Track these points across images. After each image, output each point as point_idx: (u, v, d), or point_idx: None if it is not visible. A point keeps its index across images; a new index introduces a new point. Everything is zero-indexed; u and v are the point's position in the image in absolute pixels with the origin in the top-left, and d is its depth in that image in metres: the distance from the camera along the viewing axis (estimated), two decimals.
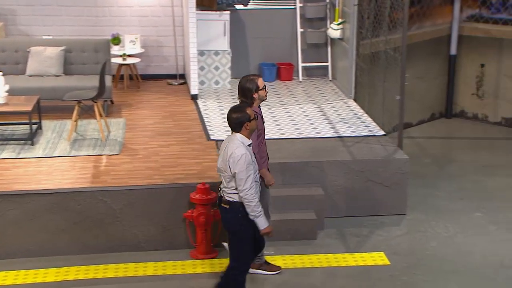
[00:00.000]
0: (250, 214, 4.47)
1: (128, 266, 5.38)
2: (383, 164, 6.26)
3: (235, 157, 4.40)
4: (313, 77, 9.36)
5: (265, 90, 5.02)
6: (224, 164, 4.50)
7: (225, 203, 4.56)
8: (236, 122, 4.48)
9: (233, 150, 4.43)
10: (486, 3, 8.80)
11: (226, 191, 4.55)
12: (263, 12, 9.23)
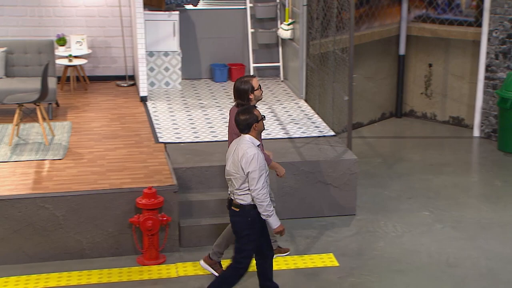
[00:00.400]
0: (263, 214, 4.50)
1: (72, 274, 5.21)
2: (332, 165, 6.24)
3: (248, 157, 4.43)
4: (265, 77, 9.32)
5: (261, 90, 5.06)
6: (235, 166, 4.51)
7: (235, 206, 4.57)
8: (245, 124, 4.52)
9: (244, 150, 4.47)
10: (433, 3, 8.92)
11: (237, 193, 4.55)
12: (213, 12, 9.14)
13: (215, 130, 7.09)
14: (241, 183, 4.50)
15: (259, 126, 4.53)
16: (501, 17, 7.99)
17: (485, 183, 7.19)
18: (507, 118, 7.85)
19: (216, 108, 7.92)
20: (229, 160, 4.60)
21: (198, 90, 8.74)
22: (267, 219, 4.52)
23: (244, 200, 4.53)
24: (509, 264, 5.35)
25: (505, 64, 8.07)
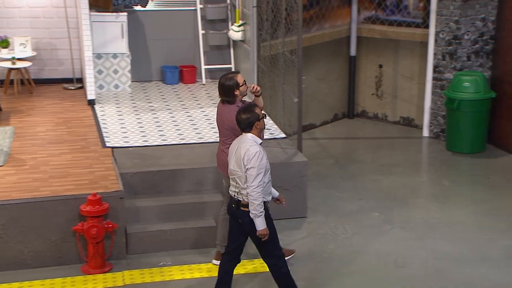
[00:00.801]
0: (252, 212, 4.48)
1: (12, 286, 4.99)
2: (283, 168, 6.19)
3: (250, 154, 4.44)
4: (217, 79, 9.14)
5: (246, 85, 5.08)
6: (237, 165, 4.51)
7: (245, 206, 4.53)
8: (247, 122, 4.52)
9: (247, 148, 4.47)
10: (382, 5, 8.99)
11: (244, 193, 4.52)
12: (163, 14, 9.00)
13: (165, 133, 6.96)
14: (245, 182, 4.49)
15: (261, 125, 4.54)
16: (447, 18, 8.11)
17: (434, 183, 7.27)
18: (455, 118, 7.96)
19: (167, 111, 7.78)
20: (231, 159, 4.59)
21: (148, 93, 8.58)
22: (255, 219, 4.49)
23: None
24: (457, 263, 5.40)
25: (451, 65, 8.18)
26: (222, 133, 5.17)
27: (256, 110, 4.54)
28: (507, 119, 7.88)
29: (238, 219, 4.62)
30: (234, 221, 4.69)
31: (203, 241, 5.63)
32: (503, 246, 5.66)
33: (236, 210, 4.60)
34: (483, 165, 7.59)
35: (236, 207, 4.59)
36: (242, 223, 4.61)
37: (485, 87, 7.82)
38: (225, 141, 5.13)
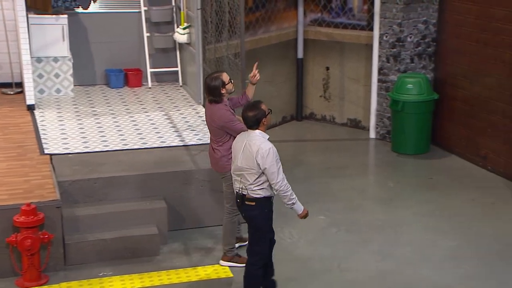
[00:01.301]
0: (287, 203, 4.61)
1: None
2: None
3: (263, 152, 4.48)
4: (163, 82, 9.07)
5: (231, 83, 5.15)
6: (249, 161, 4.53)
7: (250, 200, 4.59)
8: (254, 120, 4.58)
9: (259, 145, 4.51)
10: (327, 7, 9.01)
11: (251, 188, 4.57)
12: (106, 16, 8.79)
13: (107, 139, 6.76)
14: (256, 178, 4.53)
15: (268, 120, 4.61)
16: (390, 21, 8.18)
17: (379, 184, 7.31)
18: (399, 120, 8.04)
19: (110, 116, 7.58)
20: (238, 156, 4.61)
21: (91, 97, 8.35)
22: (292, 207, 4.63)
23: (259, 193, 4.57)
24: (399, 265, 5.42)
25: (396, 67, 8.26)
26: (213, 133, 5.25)
27: (262, 106, 4.62)
28: (449, 120, 8.01)
29: (243, 213, 4.72)
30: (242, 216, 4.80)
31: (145, 250, 5.48)
32: (446, 247, 5.72)
33: (241, 205, 4.66)
34: (427, 166, 7.69)
35: (241, 202, 4.64)
36: (246, 216, 4.69)
37: (428, 88, 7.93)
38: (217, 140, 5.22)
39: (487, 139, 7.37)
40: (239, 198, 4.67)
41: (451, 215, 6.35)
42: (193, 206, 6.01)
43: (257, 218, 4.63)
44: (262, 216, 4.64)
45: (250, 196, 4.57)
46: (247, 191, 4.58)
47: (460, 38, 7.67)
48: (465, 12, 7.55)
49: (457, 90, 7.83)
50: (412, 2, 8.04)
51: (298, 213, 4.69)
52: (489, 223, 6.16)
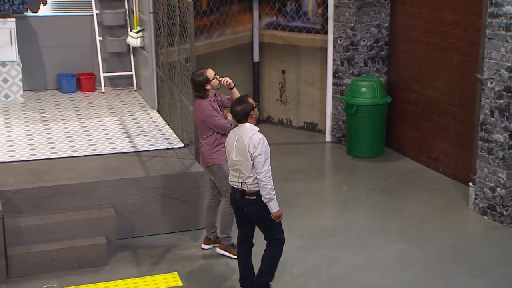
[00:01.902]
0: (265, 196, 4.62)
1: None
2: (179, 179, 6.02)
3: (255, 141, 4.59)
4: (118, 87, 8.94)
5: (217, 79, 5.29)
6: (242, 155, 4.63)
7: (250, 194, 4.65)
8: (242, 113, 4.70)
9: (250, 136, 4.62)
10: (282, 11, 9.01)
11: (250, 181, 4.64)
12: (58, 19, 8.63)
13: (56, 146, 6.60)
14: (251, 169, 4.62)
15: (256, 113, 4.74)
16: (343, 25, 8.22)
17: (334, 188, 7.33)
18: (353, 123, 8.08)
19: (60, 122, 7.41)
20: (232, 151, 4.72)
21: (42, 103, 8.17)
22: (268, 203, 4.64)
23: (255, 187, 4.64)
24: (349, 270, 5.42)
25: (350, 70, 8.31)
26: (198, 127, 5.47)
27: (249, 100, 4.76)
28: (402, 123, 8.09)
29: (244, 208, 4.71)
30: (239, 211, 4.81)
31: (93, 260, 5.36)
32: (395, 251, 5.75)
33: (241, 199, 4.69)
34: (380, 169, 7.74)
35: (241, 197, 4.69)
36: (248, 211, 4.71)
37: (381, 92, 7.99)
38: (202, 134, 5.42)
39: (438, 142, 7.47)
40: (238, 193, 4.72)
41: (402, 218, 6.40)
42: (143, 214, 5.91)
43: (259, 212, 4.70)
44: (265, 208, 4.69)
45: (250, 190, 4.64)
46: (247, 186, 4.66)
47: (411, 42, 7.76)
48: (415, 16, 7.63)
49: (409, 93, 7.92)
50: (365, 6, 8.09)
51: (273, 211, 4.70)
52: (439, 226, 6.23)
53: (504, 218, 6.14)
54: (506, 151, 5.98)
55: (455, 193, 6.93)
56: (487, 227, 6.18)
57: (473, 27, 6.54)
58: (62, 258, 5.22)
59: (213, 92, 5.37)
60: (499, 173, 6.08)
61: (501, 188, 6.09)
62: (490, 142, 6.14)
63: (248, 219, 4.81)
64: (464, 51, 6.83)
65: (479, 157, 6.28)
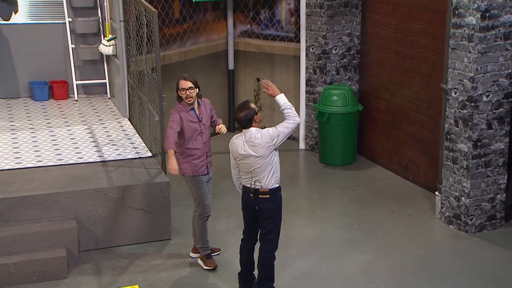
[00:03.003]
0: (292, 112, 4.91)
1: None
2: (144, 189, 5.93)
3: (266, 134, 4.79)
4: (92, 95, 8.83)
5: (186, 92, 5.27)
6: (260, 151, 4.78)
7: (263, 193, 4.82)
8: (246, 119, 4.82)
9: (260, 135, 4.80)
10: (256, 19, 8.96)
11: (264, 180, 4.80)
12: (30, 27, 8.52)
13: (21, 155, 6.49)
14: (264, 169, 4.77)
15: (259, 117, 4.87)
16: (315, 33, 8.18)
17: (304, 197, 7.26)
18: (325, 131, 8.03)
19: (29, 131, 7.30)
20: (239, 155, 4.85)
21: (12, 111, 8.05)
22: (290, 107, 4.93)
23: (273, 184, 4.82)
24: (312, 281, 5.36)
25: (322, 78, 8.26)
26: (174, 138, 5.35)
27: (251, 105, 4.87)
28: (374, 131, 8.05)
29: (256, 206, 4.86)
30: (249, 211, 4.96)
31: (52, 273, 5.25)
32: (359, 261, 5.69)
33: (254, 198, 4.85)
34: (352, 177, 7.69)
35: (254, 196, 4.85)
36: (260, 209, 4.87)
37: (352, 100, 7.94)
38: None
39: (408, 150, 7.43)
40: (251, 193, 4.85)
41: (369, 228, 6.35)
42: (107, 225, 5.82)
43: (272, 209, 4.86)
44: (276, 207, 4.88)
45: (265, 189, 4.79)
46: (261, 185, 4.80)
47: (381, 50, 7.72)
48: (384, 25, 7.60)
49: (380, 101, 7.88)
50: (336, 15, 8.05)
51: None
52: (404, 235, 6.18)
53: (468, 227, 6.11)
54: (470, 161, 5.95)
55: (423, 202, 6.89)
56: (452, 236, 6.14)
57: (440, 37, 6.51)
58: (20, 271, 5.12)
59: (190, 102, 5.30)
60: (464, 182, 6.04)
61: (466, 198, 6.05)
62: (455, 152, 6.10)
63: (256, 218, 4.94)
64: (432, 60, 6.80)
65: (444, 167, 6.24)
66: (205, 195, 5.43)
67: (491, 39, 5.64)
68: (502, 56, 5.72)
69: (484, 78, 5.75)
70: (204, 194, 5.42)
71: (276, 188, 4.90)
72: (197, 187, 5.40)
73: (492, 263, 5.63)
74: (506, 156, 6.00)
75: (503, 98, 5.86)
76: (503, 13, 5.60)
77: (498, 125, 5.91)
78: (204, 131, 5.41)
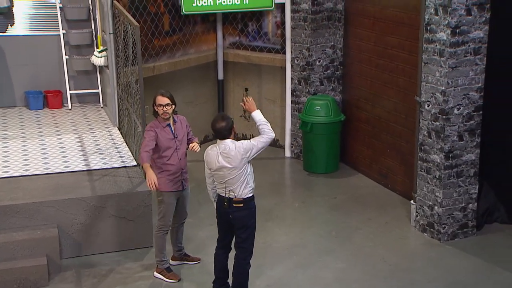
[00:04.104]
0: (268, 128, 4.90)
1: None
2: (126, 198, 5.86)
3: (239, 147, 4.72)
4: (85, 104, 8.79)
5: (163, 108, 5.15)
6: (234, 163, 4.72)
7: (237, 202, 4.79)
8: (227, 128, 4.77)
9: (235, 147, 4.73)
10: (244, 31, 8.90)
11: (238, 190, 4.78)
12: (26, 39, 8.48)
13: (9, 164, 6.44)
14: (238, 179, 4.73)
15: (235, 129, 4.86)
16: (300, 45, 8.11)
17: (286, 205, 7.18)
18: (309, 140, 7.96)
19: (20, 139, 7.25)
20: (214, 166, 4.79)
21: (7, 120, 8.01)
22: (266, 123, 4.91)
23: (246, 194, 4.82)
24: None
25: (306, 89, 8.19)
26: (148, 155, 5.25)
27: (228, 115, 4.92)
28: (355, 140, 7.97)
29: (230, 215, 4.83)
30: (223, 219, 4.93)
31: (33, 281, 5.19)
32: (335, 269, 5.61)
33: (228, 207, 4.82)
34: (334, 185, 7.61)
35: (228, 205, 4.81)
36: (234, 218, 4.84)
37: (335, 110, 7.86)
38: None
39: (387, 159, 7.34)
40: (226, 201, 4.81)
41: (346, 236, 6.26)
42: (89, 233, 5.76)
43: (246, 217, 4.83)
44: (250, 216, 4.85)
45: (238, 198, 4.76)
46: (234, 194, 4.77)
47: (362, 62, 7.65)
48: (365, 38, 7.53)
49: (361, 112, 7.80)
50: (319, 28, 7.98)
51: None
52: (380, 243, 6.09)
53: (441, 235, 6.02)
54: (442, 171, 5.86)
55: (400, 210, 6.80)
56: (425, 244, 6.05)
57: (415, 51, 6.42)
58: (2, 279, 5.06)
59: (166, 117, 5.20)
60: (437, 192, 5.96)
61: (438, 207, 5.97)
62: (428, 162, 6.02)
63: (230, 226, 4.89)
64: (409, 73, 6.72)
65: (418, 176, 6.16)
66: (171, 212, 5.33)
67: (461, 54, 5.56)
68: (472, 70, 5.64)
69: (455, 92, 5.67)
70: (171, 211, 5.32)
71: (250, 197, 4.87)
72: (166, 203, 5.27)
73: (463, 271, 5.54)
74: (477, 166, 5.91)
75: (473, 111, 5.77)
76: (473, 29, 5.52)
77: (469, 137, 5.82)
78: (180, 147, 5.32)
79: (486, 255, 5.76)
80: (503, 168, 6.19)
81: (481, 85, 5.72)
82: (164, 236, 5.39)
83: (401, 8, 6.74)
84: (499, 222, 6.33)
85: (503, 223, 6.32)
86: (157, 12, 8.25)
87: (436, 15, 5.57)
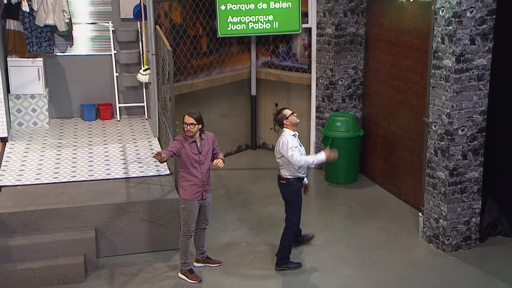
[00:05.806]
0: (311, 165, 5.46)
1: None
2: (156, 205, 5.96)
3: (281, 144, 5.33)
4: (132, 115, 9.01)
5: (187, 127, 5.28)
6: (277, 152, 5.40)
7: (282, 179, 5.40)
8: (278, 122, 5.43)
9: (280, 140, 5.36)
10: (275, 52, 8.91)
11: (281, 170, 5.40)
12: (82, 58, 8.78)
13: (59, 171, 6.65)
14: (281, 163, 5.35)
15: (291, 120, 5.33)
16: (324, 66, 8.04)
17: (305, 213, 7.01)
18: None
19: (72, 148, 7.48)
20: (276, 149, 5.43)
21: (63, 129, 8.28)
22: (316, 162, 5.41)
23: (286, 175, 5.37)
24: None
25: (329, 106, 8.11)
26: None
27: (284, 111, 5.39)
28: (373, 154, 7.83)
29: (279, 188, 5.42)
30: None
31: (71, 277, 5.35)
32: (342, 276, 5.52)
33: (278, 182, 5.46)
34: (351, 195, 7.49)
35: (278, 180, 5.45)
36: (281, 191, 5.44)
37: (354, 126, 7.75)
38: None
39: (401, 172, 7.18)
40: (277, 178, 5.46)
41: (356, 244, 6.15)
42: (124, 235, 5.88)
43: (286, 193, 5.38)
44: (290, 192, 5.37)
45: (282, 176, 5.36)
46: (281, 172, 5.37)
47: (380, 83, 7.51)
48: (383, 61, 7.39)
49: (379, 128, 7.66)
50: (342, 50, 7.90)
51: (324, 159, 5.40)
52: (388, 252, 5.95)
53: (445, 246, 5.83)
54: (447, 187, 5.68)
55: (410, 221, 6.63)
56: (430, 254, 5.87)
57: (427, 75, 6.26)
58: (44, 275, 5.23)
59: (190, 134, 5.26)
60: (442, 206, 5.78)
61: (443, 220, 5.79)
62: (434, 178, 5.84)
63: None
64: (421, 95, 6.55)
65: (426, 191, 5.99)
66: (193, 218, 5.37)
67: (465, 80, 5.37)
68: (475, 95, 5.45)
69: (459, 114, 5.48)
70: (192, 218, 5.36)
71: (289, 178, 5.37)
72: (188, 210, 5.36)
73: (462, 281, 5.35)
74: (480, 183, 5.70)
75: (477, 132, 5.57)
76: (476, 57, 5.33)
77: (472, 156, 5.62)
78: (204, 162, 5.33)
79: (486, 267, 5.55)
80: (507, 182, 5.95)
81: (484, 108, 5.52)
82: (188, 241, 5.44)
83: (414, 35, 6.58)
84: (502, 235, 6.09)
85: (506, 236, 6.07)
86: (195, 35, 8.37)
87: (442, 44, 5.41)
